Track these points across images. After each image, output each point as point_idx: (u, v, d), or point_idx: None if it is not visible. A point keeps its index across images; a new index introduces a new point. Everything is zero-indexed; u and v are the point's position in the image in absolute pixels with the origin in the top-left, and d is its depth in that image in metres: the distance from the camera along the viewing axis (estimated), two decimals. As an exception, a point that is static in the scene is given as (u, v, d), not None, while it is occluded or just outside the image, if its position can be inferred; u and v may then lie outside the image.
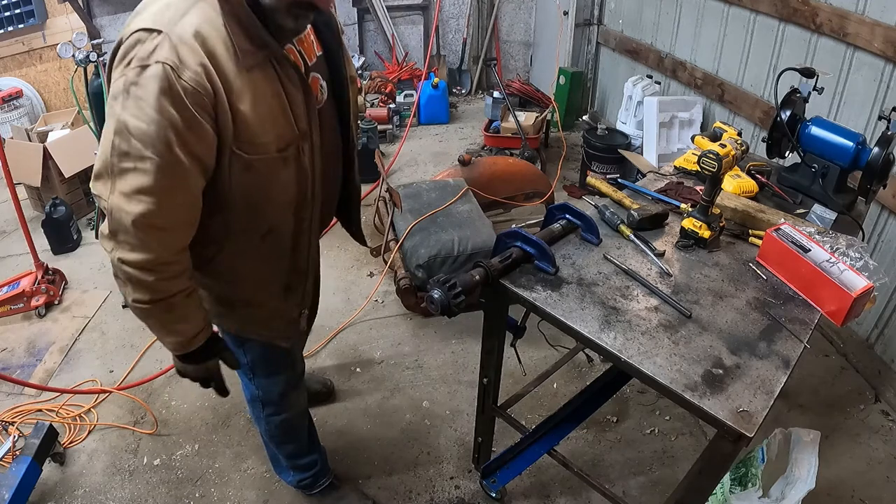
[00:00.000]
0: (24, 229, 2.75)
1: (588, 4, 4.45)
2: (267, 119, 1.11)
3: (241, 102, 1.07)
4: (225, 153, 1.11)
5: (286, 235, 1.30)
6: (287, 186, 1.22)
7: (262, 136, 1.12)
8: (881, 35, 2.17)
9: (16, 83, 4.34)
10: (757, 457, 1.72)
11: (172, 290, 1.16)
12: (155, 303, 1.15)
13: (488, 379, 1.72)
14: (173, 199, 1.07)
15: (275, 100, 1.12)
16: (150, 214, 1.05)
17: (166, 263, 1.12)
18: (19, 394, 2.40)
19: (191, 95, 1.00)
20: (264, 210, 1.23)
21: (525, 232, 1.49)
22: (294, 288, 1.41)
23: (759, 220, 1.65)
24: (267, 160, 1.15)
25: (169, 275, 1.14)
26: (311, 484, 1.91)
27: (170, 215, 1.08)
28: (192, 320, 1.23)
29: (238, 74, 1.05)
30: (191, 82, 1.00)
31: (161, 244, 1.10)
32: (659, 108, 3.38)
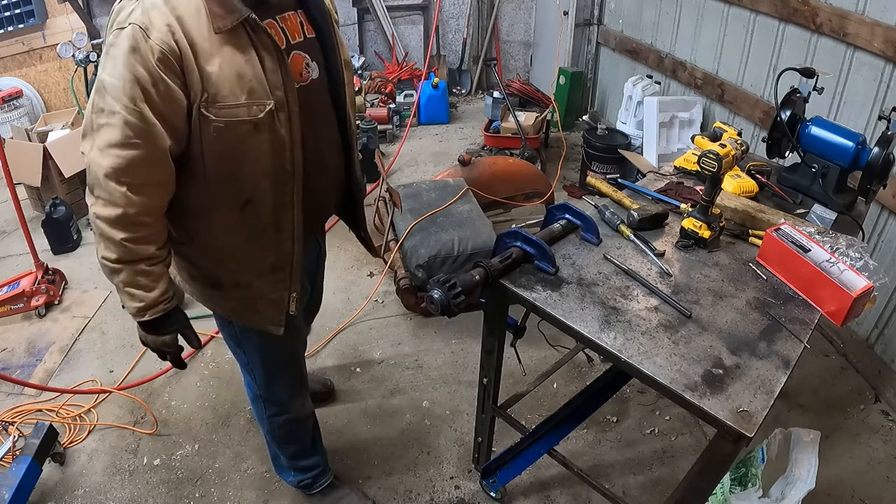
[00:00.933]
0: (24, 229, 2.75)
1: (588, 4, 4.45)
2: (236, 82, 1.14)
3: (208, 64, 1.11)
4: (194, 114, 1.14)
5: (266, 209, 1.30)
6: (261, 155, 1.23)
7: (231, 98, 1.14)
8: (881, 35, 2.17)
9: (16, 83, 4.33)
10: (757, 457, 1.72)
11: (140, 253, 1.20)
12: (121, 263, 1.19)
13: (488, 379, 1.72)
14: (140, 155, 1.11)
15: (246, 64, 1.14)
16: (118, 169, 1.11)
17: (135, 224, 1.16)
18: (19, 394, 2.40)
19: (157, 53, 1.07)
20: (239, 179, 1.24)
21: (525, 232, 1.49)
22: (281, 267, 1.39)
23: (759, 220, 1.65)
24: (237, 124, 1.17)
25: (137, 236, 1.18)
26: (311, 484, 1.91)
27: (137, 171, 1.12)
28: (153, 290, 1.25)
29: (207, 37, 1.10)
30: (157, 42, 1.06)
31: (128, 201, 1.13)
32: (659, 108, 3.38)
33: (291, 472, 1.90)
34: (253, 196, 1.28)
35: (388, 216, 2.80)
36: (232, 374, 2.49)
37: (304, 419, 1.76)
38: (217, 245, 1.35)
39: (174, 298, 1.32)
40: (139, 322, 1.31)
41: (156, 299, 1.26)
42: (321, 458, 1.90)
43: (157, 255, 1.23)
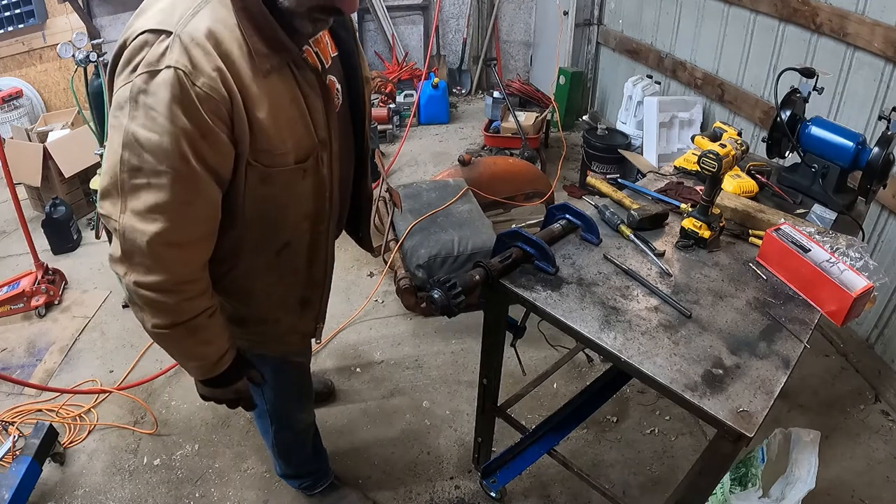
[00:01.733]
0: (24, 229, 2.75)
1: (588, 4, 4.45)
2: (285, 128, 1.03)
3: (258, 110, 0.99)
4: (241, 165, 1.03)
5: (302, 249, 1.24)
6: (305, 199, 1.16)
7: (280, 147, 1.04)
8: (881, 35, 2.17)
9: (16, 83, 4.33)
10: (757, 457, 1.72)
11: (195, 310, 1.08)
12: (176, 326, 1.07)
13: (488, 379, 1.72)
14: (192, 214, 1.00)
15: (293, 106, 1.04)
16: (167, 233, 0.97)
17: (187, 283, 1.05)
18: (19, 394, 2.40)
19: (206, 103, 0.93)
20: (281, 224, 1.17)
21: (525, 232, 1.49)
22: (311, 301, 1.35)
23: (759, 220, 1.65)
24: (285, 172, 1.07)
25: (190, 295, 1.06)
26: (312, 486, 1.91)
27: (189, 231, 1.01)
28: (216, 342, 1.15)
29: (254, 79, 0.97)
30: (205, 88, 0.92)
31: (180, 263, 1.03)
32: (659, 108, 3.37)
33: (293, 476, 1.90)
34: (292, 238, 1.22)
35: (388, 216, 2.80)
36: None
37: (306, 429, 1.76)
38: (246, 285, 1.26)
39: (234, 343, 1.22)
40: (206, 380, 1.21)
41: (221, 350, 1.17)
42: (322, 462, 1.90)
43: (211, 305, 1.12)
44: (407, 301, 2.53)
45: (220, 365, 1.18)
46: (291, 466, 1.85)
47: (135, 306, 1.07)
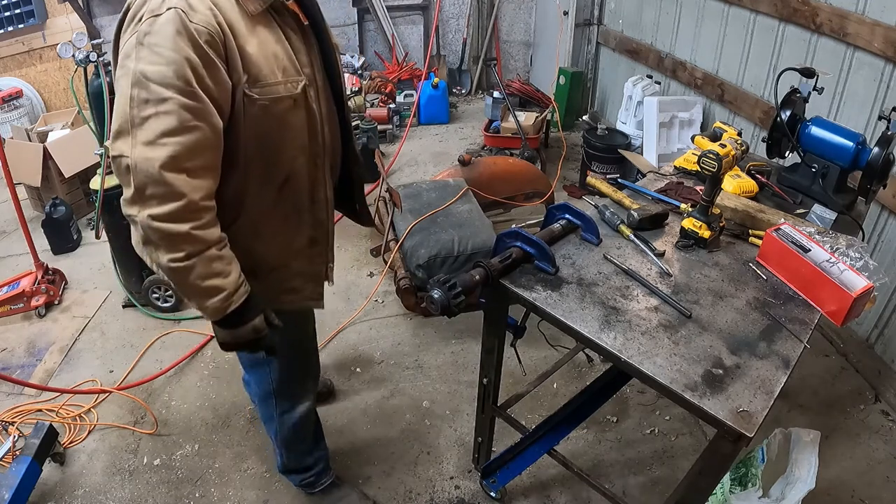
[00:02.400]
0: (24, 229, 2.75)
1: (588, 4, 4.45)
2: (273, 61, 1.18)
3: (247, 45, 1.13)
4: (238, 95, 1.14)
5: (303, 185, 1.33)
6: (299, 130, 1.26)
7: (271, 77, 1.17)
8: (881, 35, 2.17)
9: (16, 83, 4.33)
10: (757, 457, 1.72)
11: (209, 239, 1.13)
12: (192, 257, 1.11)
13: (488, 379, 1.72)
14: (197, 139, 1.08)
15: (279, 45, 1.19)
16: (177, 156, 1.05)
17: (199, 210, 1.10)
18: (19, 394, 2.40)
19: (203, 35, 1.06)
20: (279, 157, 1.26)
21: (525, 232, 1.49)
22: (318, 241, 1.44)
23: (759, 220, 1.65)
24: (278, 101, 1.19)
25: (203, 222, 1.12)
26: (313, 483, 1.91)
27: (195, 156, 1.08)
28: (231, 273, 1.19)
29: (241, 19, 1.13)
30: (202, 23, 1.06)
31: (190, 188, 1.08)
32: (659, 108, 3.38)
33: (294, 472, 1.90)
34: (291, 173, 1.30)
35: (388, 216, 2.80)
36: (232, 374, 2.49)
37: (307, 414, 1.77)
38: (254, 230, 1.31)
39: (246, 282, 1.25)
40: (224, 318, 1.22)
41: (237, 282, 1.20)
42: (323, 456, 1.90)
43: (223, 236, 1.18)
44: (407, 301, 2.53)
45: (236, 298, 1.20)
46: (293, 458, 1.85)
47: (149, 246, 1.12)
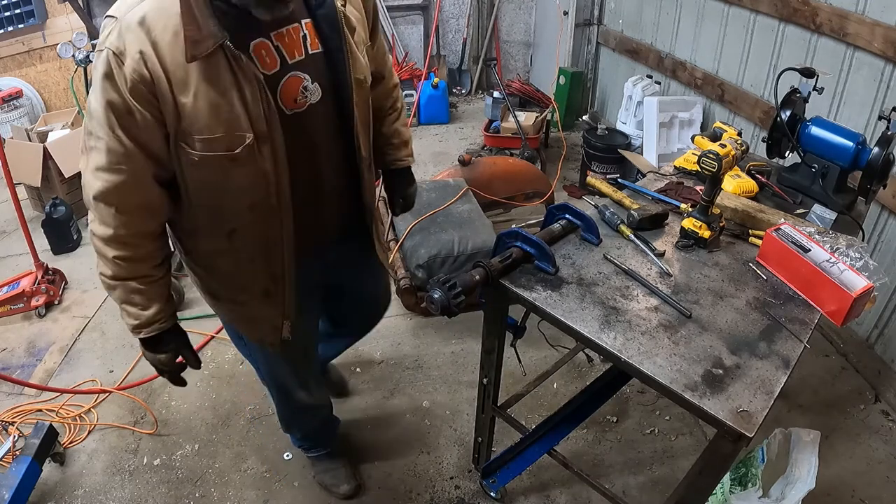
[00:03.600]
0: (24, 229, 2.75)
1: (588, 4, 4.45)
2: (212, 115, 1.07)
3: (182, 94, 1.05)
4: (172, 145, 1.11)
5: (253, 238, 1.27)
6: (243, 189, 1.18)
7: (207, 132, 1.09)
8: (881, 35, 2.17)
9: (16, 83, 4.33)
10: (757, 457, 1.72)
11: (133, 272, 1.20)
12: (116, 280, 1.20)
13: (488, 379, 1.72)
14: (124, 181, 1.10)
15: (224, 96, 1.07)
16: (105, 192, 1.11)
17: (126, 244, 1.16)
18: (19, 394, 2.40)
19: (129, 82, 1.03)
20: (222, 209, 1.23)
21: (525, 232, 1.49)
22: (272, 294, 1.36)
23: (759, 220, 1.65)
24: (213, 158, 1.12)
25: (129, 255, 1.18)
26: (308, 448, 2.01)
27: (121, 196, 1.12)
28: (148, 309, 1.24)
29: (182, 65, 1.03)
30: (129, 70, 1.02)
31: (119, 223, 1.14)
32: (659, 108, 3.37)
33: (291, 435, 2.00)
34: (238, 226, 1.25)
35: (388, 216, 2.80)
36: (232, 373, 2.49)
37: (307, 409, 1.78)
38: (208, 265, 1.36)
39: (170, 319, 1.31)
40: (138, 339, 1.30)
41: (149, 318, 1.25)
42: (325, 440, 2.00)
43: (150, 274, 1.23)
44: (407, 301, 2.53)
45: (145, 332, 1.27)
46: (292, 433, 1.97)
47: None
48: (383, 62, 1.53)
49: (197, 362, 1.42)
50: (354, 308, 1.82)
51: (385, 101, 1.58)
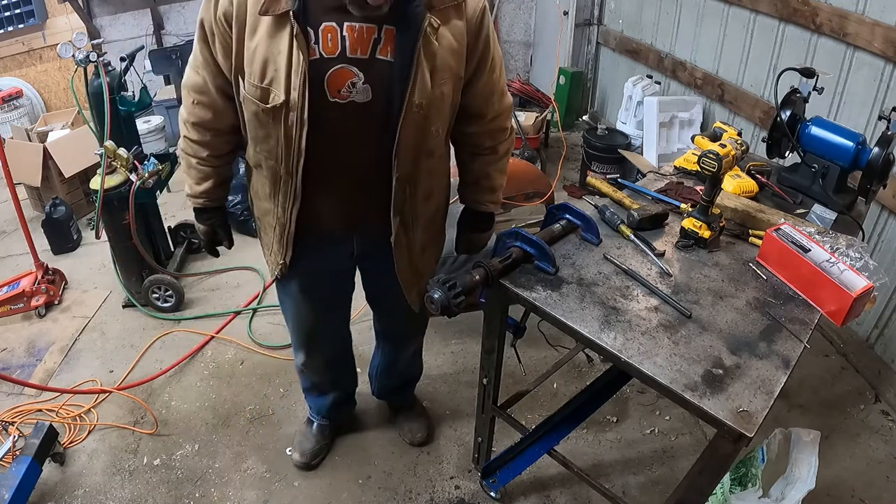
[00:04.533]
0: (24, 229, 2.75)
1: (588, 4, 4.45)
2: (261, 65, 1.22)
3: (249, 39, 1.21)
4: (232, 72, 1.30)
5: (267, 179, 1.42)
6: (265, 138, 1.33)
7: (254, 78, 1.24)
8: (881, 35, 2.17)
9: (16, 83, 4.33)
10: (757, 457, 1.72)
11: (193, 152, 1.48)
12: (183, 153, 1.51)
13: (488, 379, 1.72)
14: (197, 81, 1.37)
15: (277, 55, 1.20)
16: (187, 85, 1.40)
17: (193, 128, 1.43)
18: (19, 394, 2.40)
19: (219, 11, 1.23)
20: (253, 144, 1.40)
21: (525, 232, 1.49)
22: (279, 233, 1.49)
23: (759, 220, 1.65)
24: (251, 101, 1.28)
25: (193, 139, 1.45)
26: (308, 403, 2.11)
27: (195, 92, 1.38)
28: (198, 185, 1.53)
29: (254, 13, 1.18)
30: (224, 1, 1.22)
31: (189, 111, 1.42)
32: (659, 108, 3.37)
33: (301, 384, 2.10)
34: (260, 162, 1.41)
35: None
36: (232, 373, 2.49)
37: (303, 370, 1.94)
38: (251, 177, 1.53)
39: (215, 200, 1.59)
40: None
41: (197, 193, 1.55)
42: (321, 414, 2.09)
43: (207, 159, 1.48)
44: (407, 301, 2.53)
45: (194, 202, 1.58)
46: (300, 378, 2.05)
47: None
48: (485, 102, 1.45)
49: (229, 242, 1.71)
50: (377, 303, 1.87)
51: (484, 139, 1.53)
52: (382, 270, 1.59)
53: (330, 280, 1.69)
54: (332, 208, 1.45)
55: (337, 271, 1.68)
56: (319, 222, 1.46)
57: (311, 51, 1.20)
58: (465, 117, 1.46)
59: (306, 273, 1.60)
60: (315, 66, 1.21)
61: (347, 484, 2.04)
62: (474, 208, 1.68)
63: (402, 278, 1.59)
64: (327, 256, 1.58)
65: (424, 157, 1.40)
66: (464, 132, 1.50)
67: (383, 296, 1.80)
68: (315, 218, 1.45)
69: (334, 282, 1.71)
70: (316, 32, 1.19)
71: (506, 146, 1.58)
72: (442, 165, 1.53)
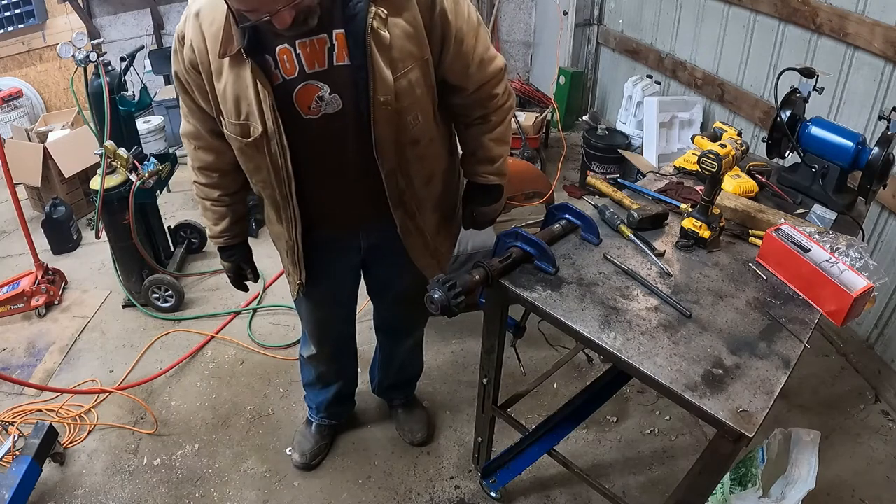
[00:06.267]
0: (24, 229, 2.75)
1: (588, 4, 4.45)
2: (234, 104, 1.26)
3: (217, 81, 1.26)
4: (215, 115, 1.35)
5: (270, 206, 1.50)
6: (256, 169, 1.38)
7: (230, 117, 1.28)
8: (881, 35, 2.16)
9: (16, 83, 4.33)
10: (757, 457, 1.72)
11: (205, 194, 1.55)
12: (198, 198, 1.57)
13: (488, 379, 1.72)
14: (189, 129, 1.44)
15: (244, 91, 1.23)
16: (184, 133, 1.47)
17: (198, 172, 1.51)
18: (19, 394, 2.40)
19: (185, 61, 1.28)
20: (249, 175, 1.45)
21: (525, 232, 1.49)
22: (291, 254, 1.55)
23: (759, 220, 1.65)
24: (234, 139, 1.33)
25: (203, 182, 1.52)
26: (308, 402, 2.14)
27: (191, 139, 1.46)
28: (216, 225, 1.59)
29: (217, 57, 1.22)
30: (185, 51, 1.27)
31: (193, 157, 1.49)
32: (659, 108, 3.37)
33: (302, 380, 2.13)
34: (260, 192, 1.47)
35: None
36: (232, 373, 2.49)
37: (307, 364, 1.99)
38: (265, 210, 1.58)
39: (235, 238, 1.63)
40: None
41: (216, 233, 1.60)
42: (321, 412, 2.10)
43: (219, 199, 1.54)
44: (407, 301, 2.53)
45: (215, 241, 1.63)
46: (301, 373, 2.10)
47: None
48: (462, 76, 1.39)
49: (255, 276, 1.76)
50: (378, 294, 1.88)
51: (472, 109, 1.48)
52: (387, 262, 1.63)
53: (340, 275, 1.72)
54: (333, 217, 1.51)
55: (346, 266, 1.71)
56: (324, 233, 1.53)
57: (275, 76, 1.23)
58: (447, 92, 1.42)
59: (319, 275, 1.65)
60: (281, 89, 1.23)
61: (347, 484, 2.04)
62: (474, 181, 1.62)
63: (421, 265, 1.61)
64: (337, 257, 1.64)
65: (409, 147, 1.38)
66: (451, 104, 1.46)
67: (385, 287, 1.82)
68: (320, 231, 1.51)
69: (344, 276, 1.74)
70: (274, 58, 1.21)
71: (499, 115, 1.51)
72: (434, 149, 1.48)
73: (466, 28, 1.32)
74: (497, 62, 1.43)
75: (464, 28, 1.32)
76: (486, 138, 1.53)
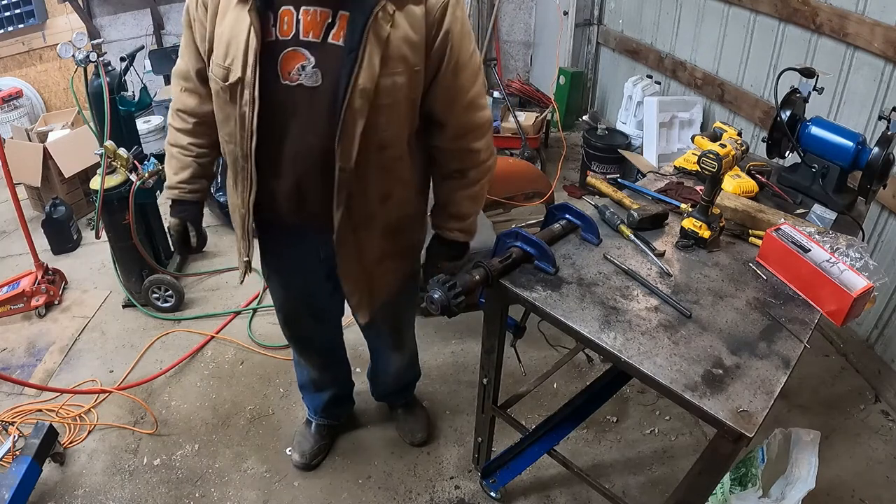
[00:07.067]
0: (24, 229, 2.75)
1: (588, 4, 4.45)
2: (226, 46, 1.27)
3: (219, 23, 1.28)
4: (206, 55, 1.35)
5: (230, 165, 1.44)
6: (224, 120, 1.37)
7: (218, 58, 1.29)
8: (881, 35, 2.17)
9: (16, 83, 4.33)
10: (757, 457, 1.72)
11: (175, 140, 1.52)
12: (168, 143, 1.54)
13: (488, 379, 1.72)
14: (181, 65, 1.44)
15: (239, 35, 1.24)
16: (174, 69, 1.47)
17: (177, 115, 1.49)
18: (19, 394, 2.40)
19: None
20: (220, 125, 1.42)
21: (525, 232, 1.49)
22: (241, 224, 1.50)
23: (759, 220, 1.65)
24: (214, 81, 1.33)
25: (176, 126, 1.50)
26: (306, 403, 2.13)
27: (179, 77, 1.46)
28: (176, 175, 1.53)
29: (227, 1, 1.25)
30: None
31: (176, 97, 1.48)
32: (659, 108, 3.38)
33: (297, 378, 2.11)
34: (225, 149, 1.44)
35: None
36: (232, 373, 2.49)
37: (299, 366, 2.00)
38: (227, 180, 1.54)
39: (189, 193, 1.55)
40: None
41: (172, 182, 1.54)
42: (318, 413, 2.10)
43: (187, 147, 1.50)
44: (407, 301, 2.53)
45: (170, 193, 1.56)
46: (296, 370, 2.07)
47: None
48: (447, 108, 1.36)
49: (199, 243, 1.62)
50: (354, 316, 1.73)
51: (450, 159, 1.45)
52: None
53: (307, 285, 1.67)
54: (285, 198, 1.40)
55: (312, 276, 1.61)
56: (275, 213, 1.43)
57: (269, 33, 1.24)
58: (428, 124, 1.39)
59: (280, 273, 1.67)
60: (270, 47, 1.24)
61: (347, 484, 2.04)
62: (441, 234, 1.57)
63: (346, 280, 1.49)
64: (294, 256, 1.60)
65: (374, 151, 1.31)
66: (430, 145, 1.44)
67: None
68: (270, 208, 1.42)
69: (313, 288, 1.66)
70: (275, 15, 1.24)
71: (478, 173, 1.48)
72: (400, 171, 1.41)
73: (466, 64, 1.33)
74: (485, 113, 1.43)
75: (463, 61, 1.32)
76: (459, 194, 1.51)
